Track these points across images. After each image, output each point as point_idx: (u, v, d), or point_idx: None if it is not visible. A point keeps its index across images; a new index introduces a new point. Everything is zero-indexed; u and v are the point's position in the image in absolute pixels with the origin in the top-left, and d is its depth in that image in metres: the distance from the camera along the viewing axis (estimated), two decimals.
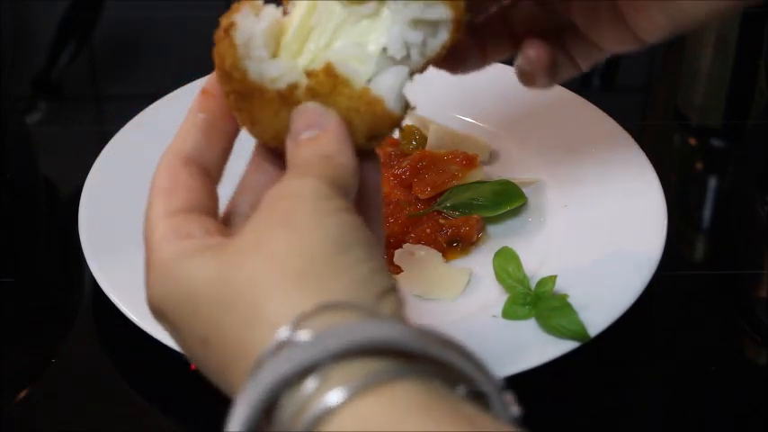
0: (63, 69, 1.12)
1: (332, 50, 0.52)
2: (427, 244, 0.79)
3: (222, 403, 0.46)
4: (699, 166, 0.99)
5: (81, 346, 0.76)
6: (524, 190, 0.83)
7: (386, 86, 0.52)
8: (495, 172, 0.87)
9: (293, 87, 0.52)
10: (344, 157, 0.49)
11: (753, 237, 0.88)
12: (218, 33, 0.53)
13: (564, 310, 0.69)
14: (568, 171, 0.85)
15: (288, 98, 0.52)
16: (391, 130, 0.53)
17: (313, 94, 0.52)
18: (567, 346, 0.68)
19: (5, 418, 0.70)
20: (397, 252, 0.78)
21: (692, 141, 1.03)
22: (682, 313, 0.79)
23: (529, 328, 0.70)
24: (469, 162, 0.85)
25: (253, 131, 0.54)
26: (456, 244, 0.80)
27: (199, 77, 0.95)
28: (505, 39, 0.65)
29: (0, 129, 0.98)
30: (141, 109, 0.91)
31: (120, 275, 0.73)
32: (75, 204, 0.80)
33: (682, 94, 1.07)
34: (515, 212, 0.82)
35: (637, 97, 1.14)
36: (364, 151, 0.53)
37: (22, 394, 0.72)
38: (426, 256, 0.78)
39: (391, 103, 0.51)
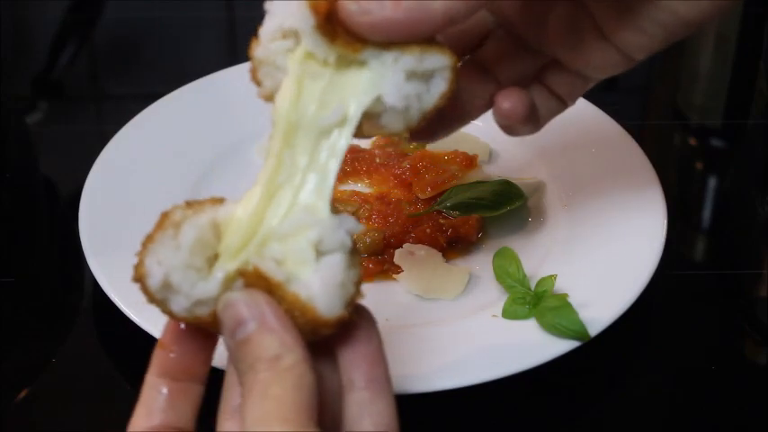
0: (63, 69, 1.12)
1: (278, 235, 0.49)
2: (427, 244, 0.79)
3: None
4: (699, 166, 0.99)
5: (81, 346, 0.76)
6: (524, 190, 0.83)
7: (317, 289, 0.47)
8: (495, 172, 0.87)
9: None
10: (291, 353, 0.46)
11: (753, 237, 0.89)
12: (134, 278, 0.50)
13: (564, 309, 0.69)
14: (568, 171, 0.85)
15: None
16: (335, 330, 0.48)
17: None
18: (567, 345, 0.68)
19: (5, 418, 0.70)
20: (397, 252, 0.78)
21: (692, 141, 1.03)
22: (682, 313, 0.79)
23: (529, 328, 0.70)
24: (469, 162, 0.85)
25: None
26: (456, 244, 0.80)
27: (199, 77, 0.95)
28: (488, 88, 0.61)
29: (0, 129, 0.98)
30: (141, 109, 0.91)
31: (120, 275, 0.73)
32: (75, 204, 0.80)
33: (682, 94, 1.07)
34: (515, 212, 0.82)
35: (637, 97, 1.14)
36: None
37: (22, 394, 0.72)
38: (426, 256, 0.78)
39: (323, 308, 0.47)
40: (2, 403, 0.71)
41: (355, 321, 0.49)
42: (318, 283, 0.47)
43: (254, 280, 0.48)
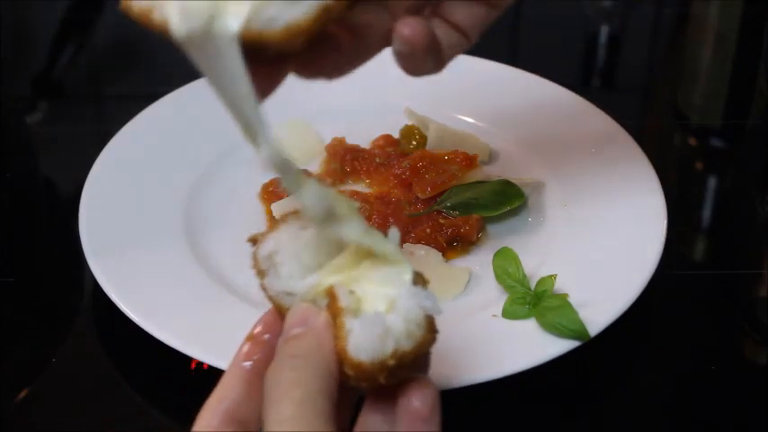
0: (63, 69, 1.12)
1: (368, 277, 0.51)
2: (427, 243, 0.79)
3: None
4: (699, 166, 0.99)
5: (81, 346, 0.76)
6: (524, 190, 0.83)
7: (356, 326, 0.49)
8: (495, 172, 0.87)
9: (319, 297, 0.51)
10: (316, 362, 0.48)
11: (753, 237, 0.88)
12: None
13: (564, 309, 0.69)
14: (568, 171, 0.85)
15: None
16: (355, 373, 0.48)
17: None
18: (567, 345, 0.68)
19: (5, 418, 0.70)
20: None
21: (692, 141, 1.03)
22: (682, 313, 0.79)
23: (529, 328, 0.70)
24: (469, 162, 0.85)
25: None
26: (456, 244, 0.80)
27: (199, 77, 0.95)
28: (385, 20, 0.58)
29: (0, 129, 0.98)
30: (141, 109, 0.91)
31: (120, 275, 0.74)
32: (75, 204, 0.80)
33: (682, 94, 1.06)
34: (515, 212, 0.82)
35: (637, 97, 1.14)
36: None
37: (22, 394, 0.72)
38: (426, 255, 0.78)
39: (351, 345, 0.48)
40: (2, 403, 0.71)
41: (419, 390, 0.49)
42: (360, 325, 0.49)
43: (331, 300, 0.50)
